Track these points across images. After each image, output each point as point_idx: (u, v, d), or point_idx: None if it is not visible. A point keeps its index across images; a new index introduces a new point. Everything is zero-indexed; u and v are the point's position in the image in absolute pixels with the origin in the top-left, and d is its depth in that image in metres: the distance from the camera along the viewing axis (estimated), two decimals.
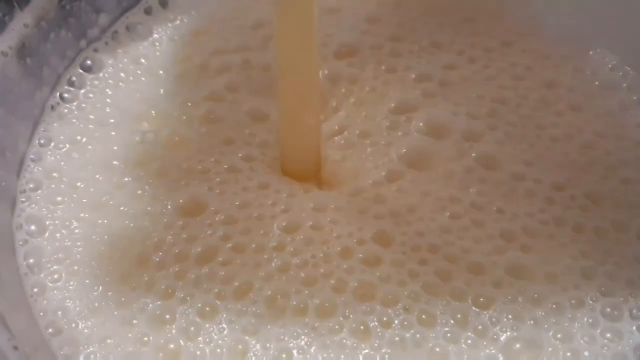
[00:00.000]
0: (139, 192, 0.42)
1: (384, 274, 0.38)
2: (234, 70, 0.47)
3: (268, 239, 0.39)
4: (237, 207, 0.41)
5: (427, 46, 0.49)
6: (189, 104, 0.45)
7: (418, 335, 0.36)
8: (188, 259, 0.39)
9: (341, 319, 0.36)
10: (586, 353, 0.35)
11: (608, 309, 0.37)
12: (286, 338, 0.36)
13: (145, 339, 0.37)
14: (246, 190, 0.42)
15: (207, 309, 0.38)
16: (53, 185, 0.43)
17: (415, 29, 0.49)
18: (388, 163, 0.43)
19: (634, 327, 0.36)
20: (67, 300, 0.39)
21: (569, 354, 0.35)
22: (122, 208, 0.41)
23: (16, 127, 0.43)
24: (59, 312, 0.39)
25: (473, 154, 0.43)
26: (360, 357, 0.35)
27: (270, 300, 0.37)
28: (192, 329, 0.37)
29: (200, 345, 0.37)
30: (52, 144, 0.44)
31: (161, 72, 0.47)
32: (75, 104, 0.46)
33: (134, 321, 0.38)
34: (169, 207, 0.41)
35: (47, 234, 0.41)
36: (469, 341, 0.36)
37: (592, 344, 0.36)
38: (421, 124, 0.44)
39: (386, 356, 0.35)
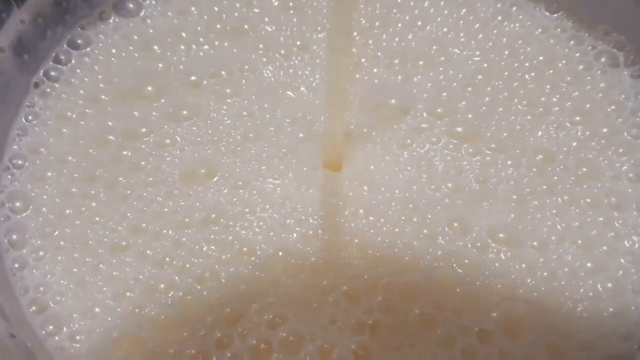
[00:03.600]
0: (142, 163, 0.42)
1: None
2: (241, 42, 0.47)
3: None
4: (248, 171, 0.42)
5: None
6: (193, 77, 0.45)
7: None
8: (189, 225, 0.39)
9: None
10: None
11: (609, 284, 0.38)
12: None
13: (137, 310, 0.35)
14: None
15: (207, 274, 0.37)
16: (38, 161, 0.42)
17: None
18: None
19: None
20: (50, 276, 0.39)
21: None
22: (120, 179, 0.41)
23: (11, 120, 0.43)
24: (41, 288, 0.38)
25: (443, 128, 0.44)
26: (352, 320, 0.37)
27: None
28: (189, 297, 0.36)
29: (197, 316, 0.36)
30: (39, 120, 0.43)
31: (156, 47, 0.46)
32: (63, 80, 0.45)
33: (128, 293, 0.36)
34: (176, 175, 0.41)
35: (31, 210, 0.41)
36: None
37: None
38: (393, 101, 0.45)
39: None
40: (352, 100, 0.44)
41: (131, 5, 0.48)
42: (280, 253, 0.38)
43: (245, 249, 0.38)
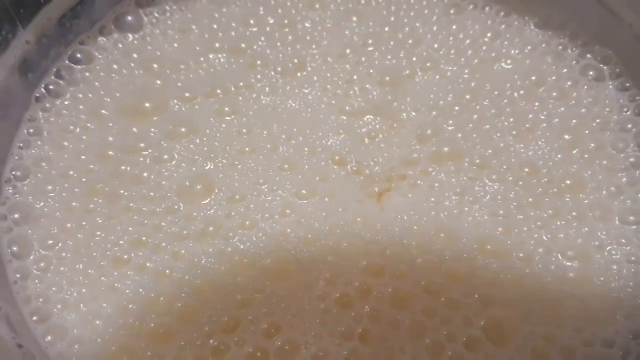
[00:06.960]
0: (142, 177, 0.44)
1: None
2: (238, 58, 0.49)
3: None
4: (245, 185, 0.44)
5: None
6: (191, 94, 0.47)
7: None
8: (187, 238, 0.41)
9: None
10: None
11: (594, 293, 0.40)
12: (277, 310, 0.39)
13: (138, 323, 0.37)
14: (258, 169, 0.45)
15: (205, 286, 0.39)
16: (40, 175, 0.44)
17: None
18: None
19: None
20: (52, 287, 0.41)
21: None
22: (120, 192, 0.43)
23: (13, 133, 0.45)
24: (42, 298, 0.40)
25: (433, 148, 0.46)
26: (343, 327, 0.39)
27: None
28: (187, 308, 0.38)
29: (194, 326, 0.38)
30: (41, 134, 0.45)
31: (155, 65, 0.48)
32: (65, 94, 0.47)
33: (130, 306, 0.38)
34: (174, 189, 0.43)
35: (33, 222, 0.43)
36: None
37: None
38: (382, 120, 0.47)
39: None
40: (343, 120, 0.47)
41: (129, 18, 0.50)
42: (276, 263, 0.40)
43: (245, 260, 0.40)
